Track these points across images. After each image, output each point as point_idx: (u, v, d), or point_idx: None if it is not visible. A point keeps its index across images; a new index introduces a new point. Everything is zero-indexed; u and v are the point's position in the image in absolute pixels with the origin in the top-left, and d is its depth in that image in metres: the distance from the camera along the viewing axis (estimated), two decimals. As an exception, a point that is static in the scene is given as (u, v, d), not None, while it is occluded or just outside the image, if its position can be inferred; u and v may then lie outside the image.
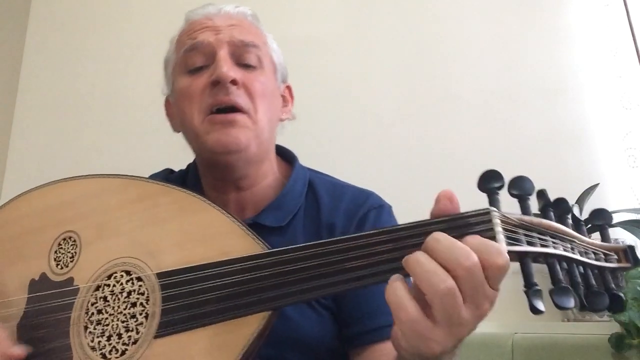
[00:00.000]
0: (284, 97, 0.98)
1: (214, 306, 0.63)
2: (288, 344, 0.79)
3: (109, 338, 0.68)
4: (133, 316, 0.68)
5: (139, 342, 0.66)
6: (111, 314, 0.70)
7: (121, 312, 0.69)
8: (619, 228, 1.40)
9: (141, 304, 0.68)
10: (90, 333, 0.70)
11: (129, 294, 0.69)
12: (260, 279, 0.61)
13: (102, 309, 0.70)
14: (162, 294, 0.67)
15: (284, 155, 0.99)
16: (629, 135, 1.75)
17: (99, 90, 2.16)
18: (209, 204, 0.72)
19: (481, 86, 1.91)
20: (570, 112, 1.83)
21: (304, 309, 0.82)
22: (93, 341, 0.69)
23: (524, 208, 0.55)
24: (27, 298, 0.77)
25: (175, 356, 0.64)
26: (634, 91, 1.78)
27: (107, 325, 0.69)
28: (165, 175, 1.02)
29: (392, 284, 0.53)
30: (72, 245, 0.77)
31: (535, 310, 0.50)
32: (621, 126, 1.78)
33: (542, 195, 0.57)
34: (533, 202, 0.56)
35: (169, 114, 0.99)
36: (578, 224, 0.57)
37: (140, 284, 0.69)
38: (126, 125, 2.09)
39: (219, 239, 0.68)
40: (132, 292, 0.69)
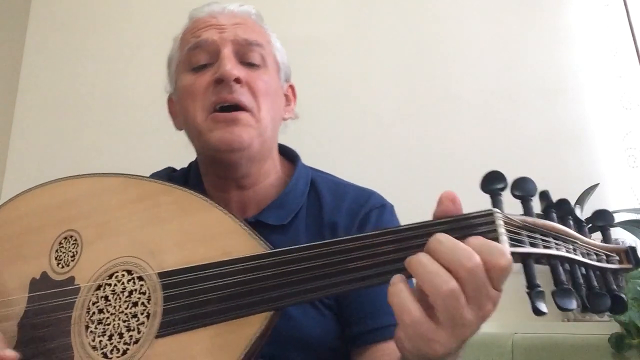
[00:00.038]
0: (287, 96, 0.98)
1: (215, 306, 0.63)
2: (290, 343, 0.79)
3: (110, 337, 0.68)
4: (134, 315, 0.68)
5: (140, 342, 0.66)
6: (112, 313, 0.69)
7: (122, 312, 0.69)
8: (619, 228, 1.40)
9: (142, 303, 0.68)
10: (91, 332, 0.70)
11: (131, 293, 0.69)
12: (263, 279, 0.61)
13: (103, 308, 0.70)
14: (163, 293, 0.67)
15: (287, 154, 1.00)
16: (629, 135, 1.75)
17: (99, 90, 2.16)
18: (211, 203, 0.71)
19: (481, 86, 1.91)
20: (570, 112, 1.83)
21: (307, 308, 0.82)
22: (94, 340, 0.69)
23: (526, 209, 0.55)
24: (27, 297, 0.77)
25: (176, 356, 0.64)
26: (634, 91, 1.78)
27: (108, 324, 0.69)
28: (168, 173, 1.02)
29: (394, 286, 0.53)
30: (73, 244, 0.77)
31: (538, 312, 0.50)
32: (621, 126, 1.78)
33: (544, 196, 0.57)
34: (534, 203, 0.56)
35: (171, 112, 0.99)
36: (580, 225, 0.57)
37: (141, 284, 0.69)
38: (126, 125, 2.08)
39: (221, 238, 0.68)
40: (134, 292, 0.69)
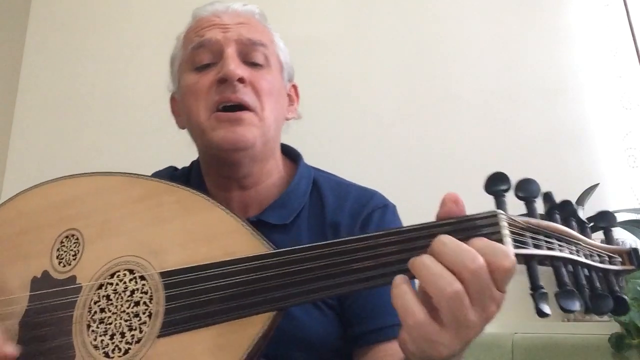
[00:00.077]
0: (290, 96, 0.98)
1: (217, 306, 0.63)
2: (293, 342, 0.79)
3: (112, 337, 0.68)
4: (136, 315, 0.68)
5: (142, 341, 0.66)
6: (114, 313, 0.69)
7: (124, 311, 0.69)
8: (619, 228, 1.40)
9: (144, 303, 0.68)
10: (93, 331, 0.69)
11: (132, 292, 0.69)
12: (266, 279, 0.61)
13: (105, 307, 0.70)
14: (165, 293, 0.67)
15: (289, 153, 0.99)
16: (629, 135, 1.75)
17: (99, 90, 2.15)
18: (213, 203, 0.71)
19: (481, 86, 1.91)
20: (570, 112, 1.83)
21: (310, 308, 0.82)
22: (96, 340, 0.69)
23: (530, 211, 0.55)
24: (29, 296, 0.76)
25: (178, 356, 0.64)
26: (634, 91, 1.78)
27: (110, 323, 0.69)
28: (170, 173, 1.02)
29: (397, 288, 0.52)
30: (74, 243, 0.77)
31: (541, 313, 0.50)
32: (621, 126, 1.78)
33: (548, 197, 0.57)
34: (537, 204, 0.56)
35: (174, 111, 0.99)
36: (583, 226, 0.57)
37: (143, 283, 0.69)
38: (126, 125, 2.08)
39: (223, 238, 0.68)
40: (136, 291, 0.69)
